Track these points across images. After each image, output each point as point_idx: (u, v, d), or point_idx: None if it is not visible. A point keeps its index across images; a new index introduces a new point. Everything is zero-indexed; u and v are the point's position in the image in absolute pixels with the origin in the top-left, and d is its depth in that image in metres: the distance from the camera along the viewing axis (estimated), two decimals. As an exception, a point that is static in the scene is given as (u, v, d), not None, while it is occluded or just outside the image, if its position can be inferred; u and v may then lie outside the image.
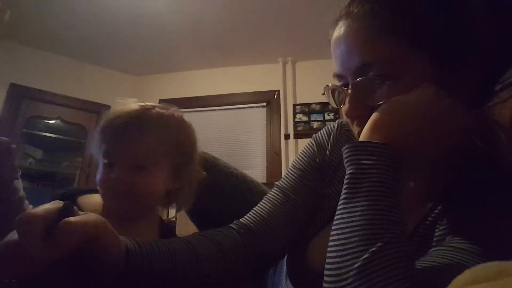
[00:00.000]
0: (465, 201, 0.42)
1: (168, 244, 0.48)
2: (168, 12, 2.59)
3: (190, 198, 0.69)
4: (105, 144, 0.61)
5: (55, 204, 0.37)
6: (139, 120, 0.61)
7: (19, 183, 0.81)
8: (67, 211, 0.36)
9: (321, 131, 0.67)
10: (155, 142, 0.61)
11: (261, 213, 0.61)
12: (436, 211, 0.46)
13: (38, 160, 3.17)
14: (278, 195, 0.62)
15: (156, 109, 0.64)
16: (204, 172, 0.71)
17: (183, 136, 0.67)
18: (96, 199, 0.63)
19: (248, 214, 0.62)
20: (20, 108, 2.93)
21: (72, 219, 0.35)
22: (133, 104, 0.64)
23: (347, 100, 0.46)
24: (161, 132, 0.62)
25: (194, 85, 3.36)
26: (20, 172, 0.82)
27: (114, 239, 0.40)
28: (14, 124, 2.89)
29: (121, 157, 0.60)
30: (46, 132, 3.12)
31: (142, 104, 0.64)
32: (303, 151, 0.67)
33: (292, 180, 0.63)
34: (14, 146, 0.80)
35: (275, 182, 0.65)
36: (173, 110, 0.67)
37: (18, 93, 2.94)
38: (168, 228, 0.72)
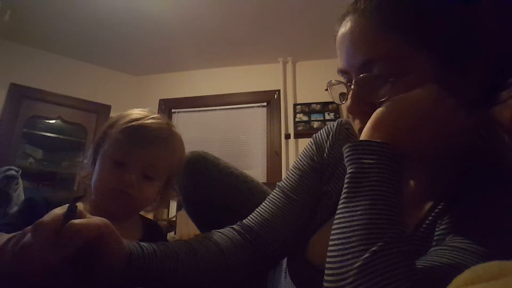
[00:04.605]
0: (465, 201, 0.42)
1: (169, 246, 0.49)
2: (168, 12, 2.59)
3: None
4: (128, 144, 0.62)
5: (61, 209, 0.39)
6: (168, 134, 0.65)
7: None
8: (71, 213, 0.38)
9: (321, 130, 0.68)
10: (170, 158, 0.66)
11: (263, 214, 0.61)
12: (436, 210, 0.46)
13: (38, 160, 3.17)
14: (279, 195, 0.63)
15: (172, 126, 0.69)
16: (175, 193, 0.78)
17: (183, 157, 0.73)
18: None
19: (250, 215, 0.63)
20: (20, 108, 2.93)
21: (76, 221, 0.37)
22: (153, 114, 0.67)
23: (349, 96, 0.46)
24: (176, 150, 0.68)
25: (194, 85, 3.36)
26: (20, 172, 0.82)
27: (117, 240, 0.41)
28: (14, 124, 2.89)
29: (139, 162, 0.62)
30: (46, 132, 3.11)
31: (161, 116, 0.68)
32: (303, 151, 0.68)
33: (292, 180, 0.64)
34: None
35: (277, 183, 0.66)
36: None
37: (18, 93, 2.94)
38: (151, 225, 0.73)
